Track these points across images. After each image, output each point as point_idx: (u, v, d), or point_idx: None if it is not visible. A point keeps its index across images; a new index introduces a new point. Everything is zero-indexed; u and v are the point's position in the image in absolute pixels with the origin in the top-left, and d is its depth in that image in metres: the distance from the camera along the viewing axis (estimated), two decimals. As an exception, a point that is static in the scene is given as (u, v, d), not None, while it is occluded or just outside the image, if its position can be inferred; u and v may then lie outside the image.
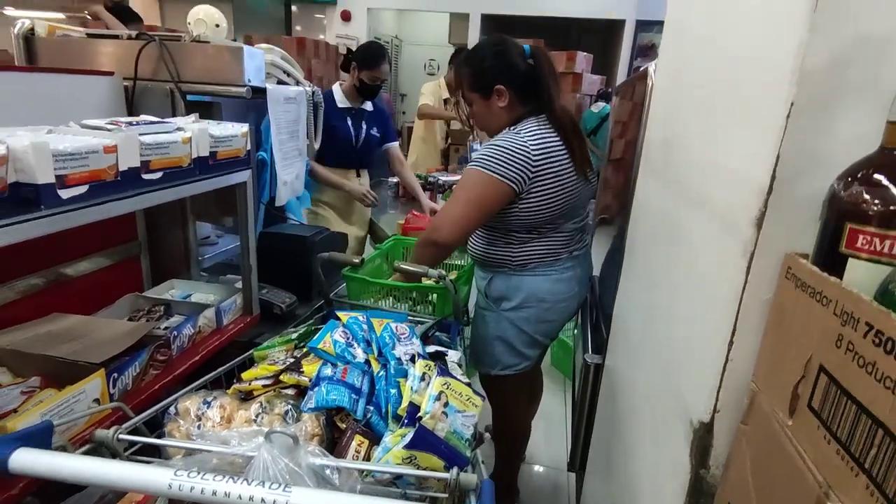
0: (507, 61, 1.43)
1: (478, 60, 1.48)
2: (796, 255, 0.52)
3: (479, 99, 1.48)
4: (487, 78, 1.45)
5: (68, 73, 1.27)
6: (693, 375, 0.68)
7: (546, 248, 1.50)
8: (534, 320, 1.55)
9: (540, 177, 1.37)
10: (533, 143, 1.36)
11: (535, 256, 1.50)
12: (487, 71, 1.45)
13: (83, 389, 0.96)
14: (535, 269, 1.51)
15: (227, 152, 1.27)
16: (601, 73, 7.15)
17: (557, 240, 1.51)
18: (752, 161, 0.56)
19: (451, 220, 1.40)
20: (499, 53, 1.45)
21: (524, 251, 1.49)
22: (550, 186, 1.39)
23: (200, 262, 1.66)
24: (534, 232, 1.48)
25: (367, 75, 2.46)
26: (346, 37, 7.73)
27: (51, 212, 0.86)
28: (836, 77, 0.49)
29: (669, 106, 1.01)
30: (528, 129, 1.40)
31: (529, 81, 1.43)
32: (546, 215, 1.43)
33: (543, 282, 1.51)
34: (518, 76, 1.43)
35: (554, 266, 1.52)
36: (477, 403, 0.95)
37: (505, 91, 1.43)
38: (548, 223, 1.46)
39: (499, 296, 1.56)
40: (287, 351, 1.14)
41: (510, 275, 1.53)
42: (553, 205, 1.41)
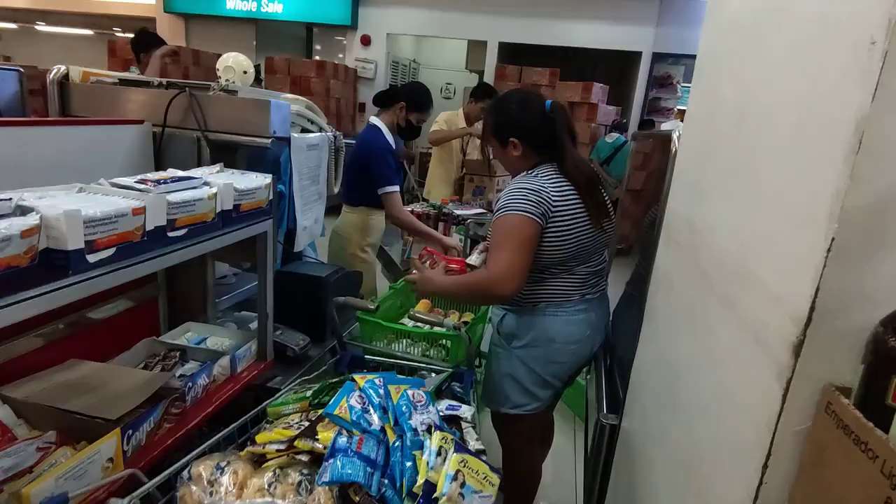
0: (525, 117, 1.53)
1: (499, 112, 1.59)
2: (836, 390, 0.51)
3: (496, 145, 1.60)
4: (504, 130, 1.56)
5: (100, 123, 1.29)
6: (721, 488, 0.67)
7: (557, 289, 1.53)
8: (542, 360, 1.57)
9: (557, 217, 1.44)
10: (551, 186, 1.45)
11: (546, 296, 1.53)
12: (504, 124, 1.56)
13: (98, 450, 0.96)
14: (545, 308, 1.54)
15: (251, 204, 1.29)
16: (617, 103, 7.20)
17: (569, 281, 1.54)
18: (791, 285, 0.56)
19: (513, 270, 1.39)
20: (520, 108, 1.55)
21: (536, 290, 1.53)
22: (566, 227, 1.45)
23: (217, 303, 1.66)
24: (546, 272, 1.52)
25: (416, 117, 2.47)
26: (364, 60, 7.85)
27: (78, 278, 0.87)
28: (879, 218, 0.49)
29: (695, 187, 1.01)
30: (545, 174, 1.49)
31: (545, 135, 1.52)
32: (559, 255, 1.48)
33: (554, 322, 1.54)
34: (534, 131, 1.53)
35: (564, 307, 1.54)
36: (494, 482, 0.93)
37: (518, 144, 1.54)
38: (560, 264, 1.51)
39: (510, 332, 1.59)
40: (301, 412, 1.14)
41: (522, 313, 1.56)
42: (566, 246, 1.47)
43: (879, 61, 0.47)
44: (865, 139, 0.48)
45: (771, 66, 0.72)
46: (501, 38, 7.48)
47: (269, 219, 1.37)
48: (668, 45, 7.11)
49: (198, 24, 8.10)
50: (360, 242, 2.58)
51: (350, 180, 2.36)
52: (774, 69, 0.71)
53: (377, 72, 7.83)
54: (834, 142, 0.51)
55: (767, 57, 0.74)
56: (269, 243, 1.39)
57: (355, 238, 2.57)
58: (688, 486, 0.80)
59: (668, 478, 0.91)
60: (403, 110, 2.45)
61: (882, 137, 0.48)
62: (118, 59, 6.42)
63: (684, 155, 1.15)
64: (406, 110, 2.46)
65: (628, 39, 7.23)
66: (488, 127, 1.61)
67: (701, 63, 1.11)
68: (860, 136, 0.48)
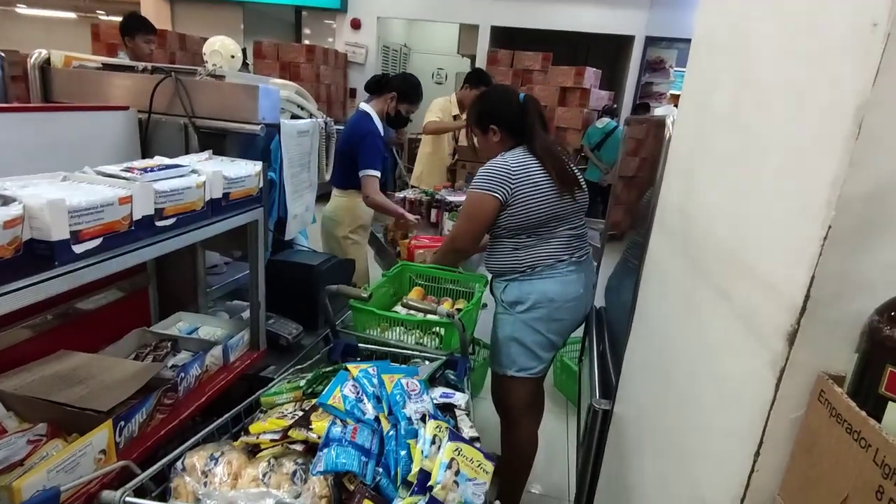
0: (502, 108, 1.81)
1: (480, 104, 1.87)
2: (830, 379, 0.51)
3: (479, 133, 1.88)
4: (484, 119, 1.83)
5: (84, 109, 1.26)
6: (713, 475, 0.67)
7: (547, 252, 1.77)
8: (545, 319, 1.76)
9: (520, 187, 1.69)
10: (513, 163, 1.72)
11: (539, 259, 1.76)
12: (485, 114, 1.84)
13: (90, 442, 0.95)
14: (541, 272, 1.76)
15: (241, 192, 1.27)
16: (609, 87, 7.16)
17: (556, 244, 1.77)
18: (786, 273, 0.55)
19: (462, 233, 1.85)
20: (497, 101, 1.84)
21: (529, 255, 1.76)
22: (531, 194, 1.70)
23: (208, 292, 1.65)
24: (533, 236, 1.76)
25: (406, 108, 2.52)
26: (355, 44, 7.74)
27: (65, 269, 0.85)
28: (877, 205, 0.48)
29: (688, 174, 1.00)
30: (513, 154, 1.76)
31: (519, 123, 1.79)
32: (533, 219, 1.72)
33: (551, 283, 1.76)
34: (510, 118, 1.80)
35: (557, 268, 1.77)
36: (488, 469, 0.94)
37: (497, 130, 1.81)
38: (540, 226, 1.74)
39: (513, 300, 1.79)
40: (295, 401, 1.13)
41: (522, 280, 1.78)
42: (537, 210, 1.71)
43: (881, 44, 0.46)
44: (865, 125, 0.47)
45: (768, 49, 0.71)
46: (493, 22, 7.39)
47: (259, 207, 1.35)
48: (661, 28, 7.06)
49: (183, 7, 7.93)
50: (351, 225, 2.64)
51: (339, 164, 2.40)
52: (771, 53, 0.70)
53: (368, 57, 7.72)
54: (833, 127, 0.50)
55: (764, 40, 0.73)
56: (259, 232, 1.38)
57: (346, 221, 2.63)
58: (680, 472, 0.80)
59: (660, 463, 0.92)
60: (394, 100, 2.50)
61: (883, 123, 0.47)
62: (102, 43, 6.28)
63: (678, 141, 1.14)
64: (397, 100, 2.51)
65: (621, 23, 7.17)
66: (472, 119, 1.88)
67: (696, 47, 1.10)
68: (860, 122, 0.47)
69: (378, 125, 2.49)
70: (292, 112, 1.64)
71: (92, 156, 1.25)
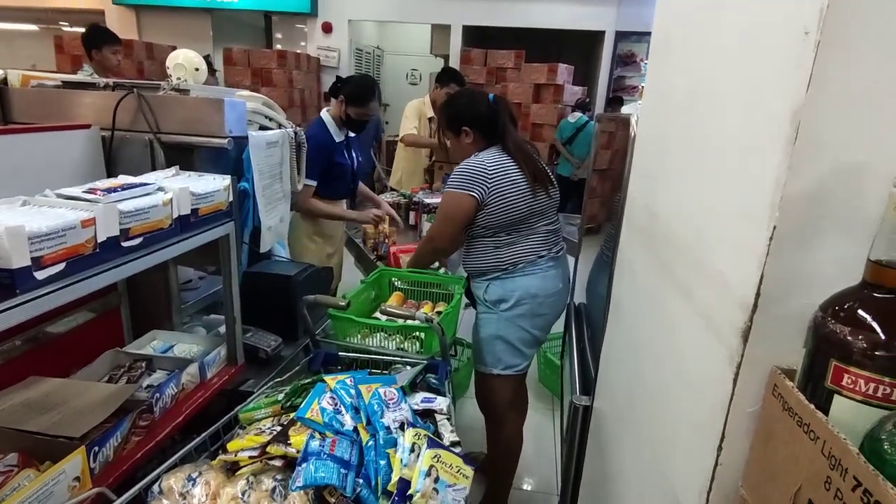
0: (473, 109, 1.83)
1: (452, 108, 1.89)
2: (782, 373, 0.53)
3: (452, 136, 1.89)
4: (456, 121, 1.85)
5: (44, 130, 1.24)
6: (682, 468, 0.69)
7: (527, 248, 1.79)
8: (529, 315, 1.80)
9: (497, 186, 1.72)
10: (488, 162, 1.74)
11: (520, 256, 1.78)
12: (456, 116, 1.85)
13: (63, 470, 0.94)
14: (523, 269, 1.78)
15: (210, 207, 1.25)
16: (582, 82, 7.23)
17: (535, 240, 1.80)
18: (739, 272, 0.57)
19: (440, 233, 1.86)
20: (467, 104, 1.85)
21: (510, 253, 1.78)
22: (508, 192, 1.73)
23: (182, 308, 1.63)
24: (512, 233, 1.78)
25: (355, 111, 2.42)
26: (327, 48, 7.69)
27: (27, 297, 0.83)
28: (818, 205, 0.50)
29: (652, 173, 1.02)
30: (487, 153, 1.78)
31: (491, 123, 1.81)
32: (512, 215, 1.75)
33: (533, 279, 1.79)
34: (481, 120, 1.82)
35: (538, 264, 1.80)
36: (468, 474, 0.94)
37: (469, 132, 1.83)
38: (519, 223, 1.77)
39: (497, 299, 1.81)
40: (274, 416, 1.13)
41: (504, 279, 1.80)
42: (514, 206, 1.74)
43: (812, 51, 0.48)
44: (802, 128, 0.49)
45: (717, 52, 0.73)
46: (465, 22, 7.41)
47: (230, 221, 1.34)
48: (631, 23, 7.15)
49: (150, 15, 7.79)
50: (308, 230, 2.61)
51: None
52: (720, 56, 0.72)
53: (341, 60, 7.68)
54: (773, 131, 0.52)
55: (714, 43, 0.75)
56: (231, 246, 1.36)
57: (302, 226, 2.60)
58: (653, 466, 0.82)
59: (636, 457, 0.94)
60: (343, 103, 2.43)
61: (817, 126, 0.49)
62: (66, 56, 6.14)
63: (642, 140, 1.16)
64: (345, 104, 2.42)
65: (591, 18, 7.25)
66: (443, 123, 1.90)
67: (654, 47, 1.12)
68: (797, 126, 0.49)
69: (331, 131, 2.46)
70: (260, 123, 1.63)
71: (54, 178, 1.23)
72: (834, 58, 0.47)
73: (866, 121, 0.48)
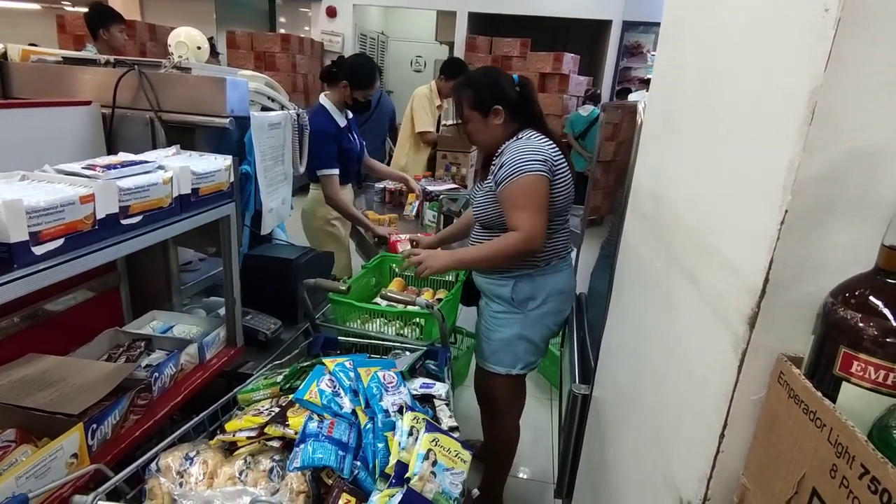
0: (501, 86, 1.67)
1: (478, 85, 1.70)
2: (788, 360, 0.52)
3: (478, 117, 1.69)
4: (487, 99, 1.66)
5: (44, 105, 1.22)
6: (683, 456, 0.68)
7: (560, 242, 1.70)
8: (555, 312, 1.73)
9: (557, 170, 1.60)
10: (544, 144, 1.61)
11: (555, 251, 1.69)
12: (485, 95, 1.67)
13: (60, 446, 0.94)
14: (556, 264, 1.70)
15: (210, 187, 1.24)
16: (588, 73, 7.17)
17: (564, 234, 1.72)
18: (746, 258, 0.56)
19: (541, 229, 1.55)
20: (494, 80, 1.69)
21: (547, 247, 1.65)
22: (563, 179, 1.62)
23: (182, 290, 1.62)
24: (552, 225, 1.64)
25: (362, 94, 2.42)
26: (331, 33, 7.61)
27: (25, 272, 0.83)
28: (832, 188, 0.49)
29: (659, 158, 1.00)
30: (533, 136, 1.63)
31: (520, 104, 1.68)
32: (562, 204, 1.64)
33: (562, 275, 1.72)
34: (512, 98, 1.67)
35: (566, 259, 1.74)
36: (465, 459, 0.94)
37: (501, 111, 1.66)
38: (562, 212, 1.67)
39: (526, 297, 1.69)
40: (272, 398, 1.12)
41: (534, 276, 1.68)
42: (566, 195, 1.64)
43: (832, 29, 0.46)
44: (818, 109, 0.48)
45: (730, 33, 0.71)
46: (471, 8, 7.33)
47: (230, 202, 1.33)
48: (638, 13, 7.07)
49: (153, -4, 7.71)
50: (326, 216, 2.64)
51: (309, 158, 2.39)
52: (733, 37, 0.70)
53: (344, 45, 7.61)
54: (788, 112, 0.51)
55: (727, 24, 0.73)
56: (232, 227, 1.35)
57: (320, 212, 2.62)
58: (653, 454, 0.81)
59: (636, 445, 0.94)
60: (347, 88, 2.41)
61: (835, 107, 0.48)
62: (69, 35, 6.08)
63: (649, 125, 1.14)
64: (350, 88, 2.41)
65: (598, 8, 7.16)
66: (468, 103, 1.68)
67: (665, 31, 1.09)
68: (813, 107, 0.48)
69: (335, 118, 2.44)
70: (262, 104, 1.61)
71: (54, 153, 1.21)
72: (854, 36, 0.45)
73: (886, 102, 0.47)
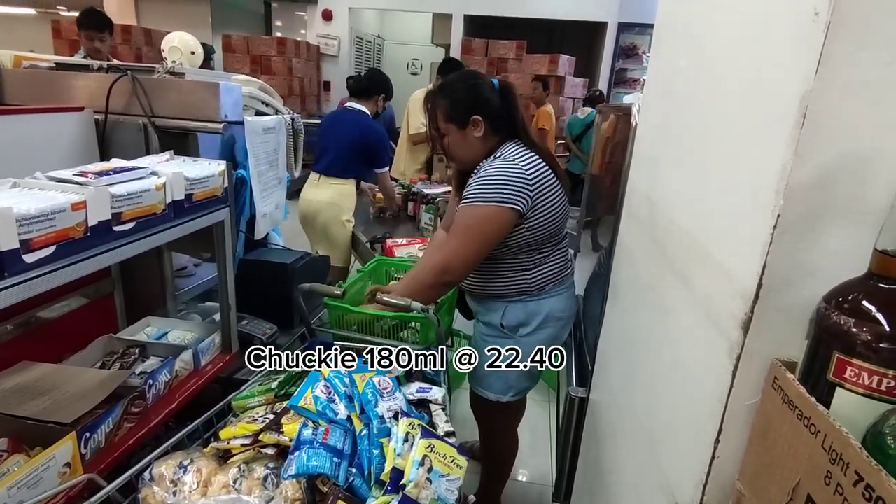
0: (481, 93, 1.48)
1: (454, 92, 1.50)
2: (783, 365, 0.51)
3: (455, 130, 1.50)
4: (464, 108, 1.48)
5: (36, 112, 1.21)
6: (678, 460, 0.68)
7: (555, 267, 1.54)
8: (550, 339, 1.57)
9: (539, 195, 1.41)
10: (524, 164, 1.40)
11: (550, 276, 1.53)
12: (463, 102, 1.48)
13: (53, 456, 0.93)
14: (551, 290, 1.54)
15: (204, 192, 1.24)
16: (584, 74, 7.18)
17: (560, 257, 1.56)
18: (740, 261, 0.56)
19: (464, 260, 1.41)
20: (473, 86, 1.49)
21: (540, 273, 1.51)
22: (549, 201, 1.43)
23: (177, 295, 1.61)
24: (543, 250, 1.50)
25: (385, 103, 3.08)
26: (327, 36, 7.62)
27: (16, 280, 0.82)
28: (824, 192, 0.48)
29: (653, 161, 1.00)
30: (512, 152, 1.43)
31: (501, 112, 1.49)
32: (550, 229, 1.47)
33: (559, 301, 1.55)
34: (493, 106, 1.48)
35: (564, 283, 1.57)
36: (461, 464, 0.93)
37: (481, 121, 1.47)
38: (554, 237, 1.51)
39: (517, 323, 1.55)
40: (267, 404, 1.12)
41: (527, 301, 1.53)
42: (554, 218, 1.46)
43: (822, 32, 0.46)
44: (809, 113, 0.47)
45: (723, 34, 0.71)
46: (467, 11, 7.35)
47: (224, 207, 1.32)
48: (633, 14, 7.09)
49: (148, 1, 7.71)
50: (349, 207, 3.00)
51: (346, 156, 2.87)
52: (726, 38, 0.70)
53: (341, 48, 7.62)
54: (779, 115, 0.51)
55: (718, 27, 0.73)
56: (226, 232, 1.35)
57: (348, 206, 2.97)
58: (649, 458, 0.81)
59: (632, 449, 0.93)
60: (382, 101, 3.01)
61: (826, 111, 0.47)
62: (64, 41, 6.08)
63: (643, 127, 1.14)
64: (384, 100, 3.05)
65: (594, 9, 7.19)
66: (442, 112, 1.49)
67: (658, 33, 1.09)
68: (804, 110, 0.47)
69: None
70: (256, 109, 1.61)
71: (46, 160, 1.20)
72: (845, 39, 0.45)
73: (877, 106, 0.46)
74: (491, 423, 1.78)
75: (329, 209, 2.90)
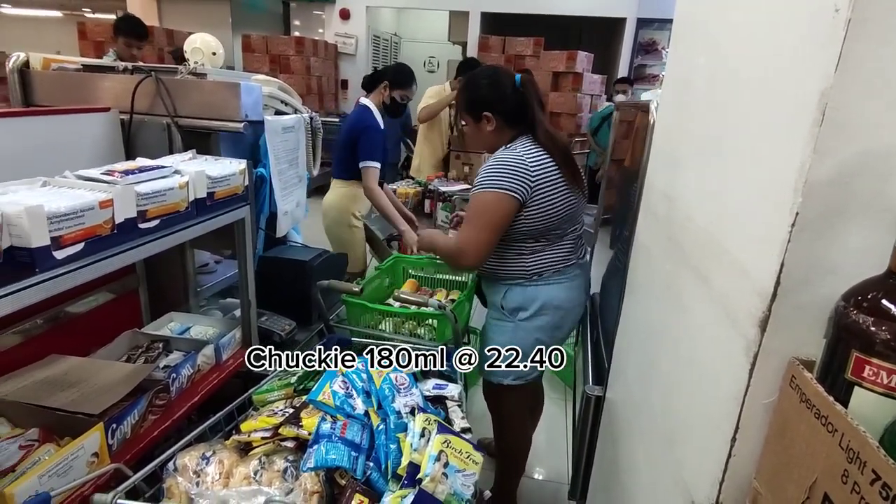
0: (496, 91, 1.57)
1: (471, 88, 1.62)
2: (800, 364, 0.51)
3: (471, 122, 1.63)
4: (477, 105, 1.59)
5: (64, 112, 1.25)
6: (695, 459, 0.68)
7: (557, 256, 1.59)
8: (549, 327, 1.61)
9: (539, 186, 1.48)
10: (528, 157, 1.49)
11: (548, 264, 1.58)
12: (477, 99, 1.59)
13: (82, 446, 0.96)
14: (549, 277, 1.58)
15: (226, 191, 1.26)
16: (602, 71, 7.11)
17: (565, 247, 1.60)
18: (757, 259, 0.55)
19: (478, 246, 1.50)
20: (490, 84, 1.58)
21: (537, 260, 1.57)
22: (550, 194, 1.50)
23: (199, 292, 1.65)
24: (542, 240, 1.56)
25: (399, 94, 2.61)
26: (344, 35, 7.66)
27: (46, 276, 0.85)
28: (843, 190, 0.48)
29: (671, 159, 1.00)
30: (522, 145, 1.53)
31: (517, 108, 1.56)
32: (550, 221, 1.52)
33: (558, 290, 1.60)
34: (506, 105, 1.56)
35: (565, 273, 1.61)
36: (477, 460, 0.94)
37: (492, 118, 1.57)
38: (554, 229, 1.55)
39: (515, 306, 1.61)
40: (286, 398, 1.14)
41: (526, 286, 1.59)
42: (554, 211, 1.52)
43: (843, 29, 0.46)
44: (829, 110, 0.47)
45: (741, 32, 0.71)
46: (483, 8, 7.32)
47: (245, 205, 1.35)
48: (653, 10, 6.99)
49: (170, 3, 7.84)
50: (352, 210, 2.75)
51: (341, 157, 2.59)
52: (744, 36, 0.69)
53: (358, 47, 7.66)
54: (798, 113, 0.50)
55: (738, 22, 0.72)
56: (247, 230, 1.38)
57: (349, 208, 2.72)
58: (665, 456, 0.81)
59: (648, 448, 0.93)
60: (387, 88, 2.60)
61: (845, 108, 0.47)
62: (89, 41, 6.21)
63: (661, 124, 1.13)
64: (389, 88, 2.59)
65: (612, 5, 7.10)
66: (461, 104, 1.65)
67: (677, 30, 1.09)
68: (824, 108, 0.47)
69: (378, 119, 2.57)
70: (276, 108, 1.63)
71: (74, 159, 1.24)
72: (865, 36, 0.45)
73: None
74: (500, 408, 1.81)
75: (331, 212, 2.77)
